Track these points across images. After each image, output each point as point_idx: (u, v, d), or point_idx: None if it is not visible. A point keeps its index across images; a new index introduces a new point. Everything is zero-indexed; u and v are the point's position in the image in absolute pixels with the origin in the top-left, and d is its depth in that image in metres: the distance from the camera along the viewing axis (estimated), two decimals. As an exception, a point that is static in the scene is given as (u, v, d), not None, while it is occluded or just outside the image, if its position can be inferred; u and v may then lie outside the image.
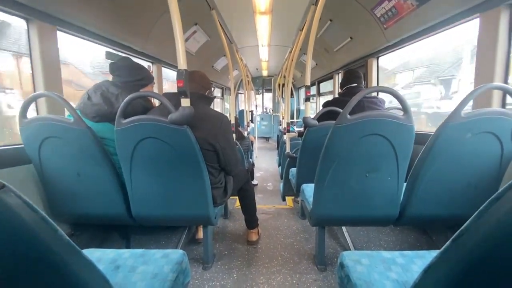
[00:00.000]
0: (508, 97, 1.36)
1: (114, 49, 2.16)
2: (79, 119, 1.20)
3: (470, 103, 1.16)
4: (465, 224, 0.42)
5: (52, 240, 0.42)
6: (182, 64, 1.12)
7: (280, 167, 3.68)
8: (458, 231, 0.43)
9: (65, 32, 1.67)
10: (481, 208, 0.40)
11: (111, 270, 0.89)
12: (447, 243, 0.46)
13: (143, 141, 1.19)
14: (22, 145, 1.29)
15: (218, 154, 1.37)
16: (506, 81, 1.38)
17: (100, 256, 0.96)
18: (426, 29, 1.89)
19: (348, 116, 1.13)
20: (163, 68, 2.92)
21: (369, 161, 1.21)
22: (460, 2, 1.50)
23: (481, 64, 1.44)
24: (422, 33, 1.95)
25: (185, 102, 1.13)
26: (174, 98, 1.19)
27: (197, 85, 1.42)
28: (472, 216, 0.42)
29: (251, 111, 6.50)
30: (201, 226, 1.73)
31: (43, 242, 0.41)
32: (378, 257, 0.93)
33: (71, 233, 1.54)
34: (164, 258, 0.94)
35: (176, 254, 0.97)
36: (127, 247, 1.74)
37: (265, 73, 7.77)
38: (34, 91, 1.47)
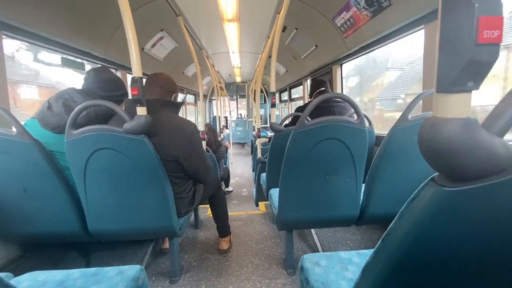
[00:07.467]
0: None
1: (71, 55, 2.05)
2: (23, 131, 1.11)
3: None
4: (390, 225, 0.44)
5: None
6: (137, 71, 1.09)
7: (254, 172, 3.69)
8: (386, 231, 0.45)
9: (12, 37, 1.55)
10: (401, 208, 0.42)
11: None
12: (378, 242, 0.47)
13: (96, 152, 1.12)
14: None
15: (182, 164, 1.32)
16: None
17: (45, 279, 0.88)
18: (381, 38, 2.02)
19: (306, 121, 1.17)
20: None
21: (329, 164, 1.25)
22: (408, 15, 1.63)
23: (427, 70, 1.57)
24: (378, 42, 2.09)
25: (141, 111, 1.09)
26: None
27: (161, 90, 1.33)
28: (396, 217, 0.43)
29: (225, 117, 6.47)
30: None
31: None
32: (336, 258, 0.95)
33: (21, 254, 1.41)
34: (119, 275, 0.89)
35: (132, 270, 0.92)
36: (87, 265, 1.62)
37: (238, 79, 7.81)
38: None
